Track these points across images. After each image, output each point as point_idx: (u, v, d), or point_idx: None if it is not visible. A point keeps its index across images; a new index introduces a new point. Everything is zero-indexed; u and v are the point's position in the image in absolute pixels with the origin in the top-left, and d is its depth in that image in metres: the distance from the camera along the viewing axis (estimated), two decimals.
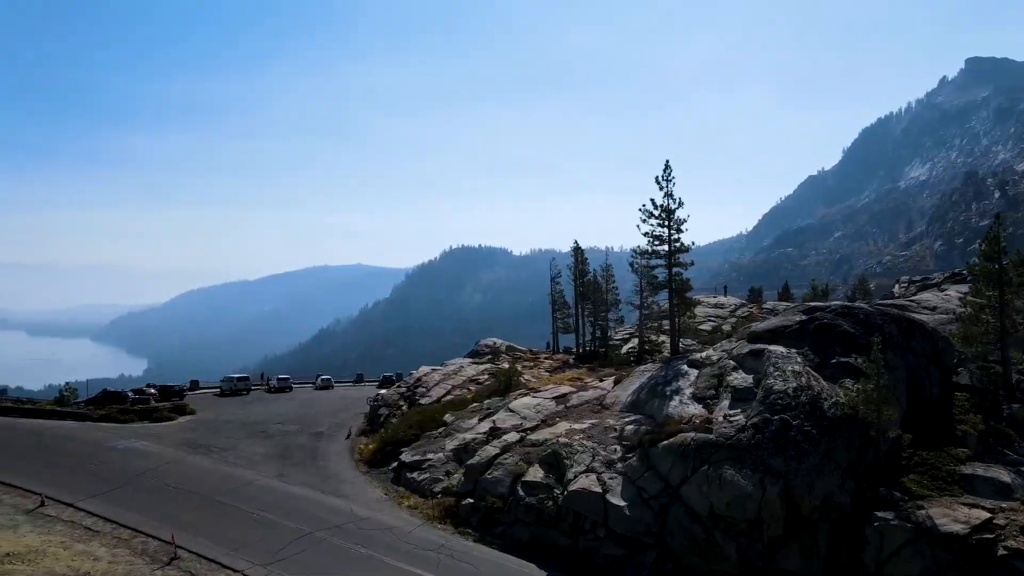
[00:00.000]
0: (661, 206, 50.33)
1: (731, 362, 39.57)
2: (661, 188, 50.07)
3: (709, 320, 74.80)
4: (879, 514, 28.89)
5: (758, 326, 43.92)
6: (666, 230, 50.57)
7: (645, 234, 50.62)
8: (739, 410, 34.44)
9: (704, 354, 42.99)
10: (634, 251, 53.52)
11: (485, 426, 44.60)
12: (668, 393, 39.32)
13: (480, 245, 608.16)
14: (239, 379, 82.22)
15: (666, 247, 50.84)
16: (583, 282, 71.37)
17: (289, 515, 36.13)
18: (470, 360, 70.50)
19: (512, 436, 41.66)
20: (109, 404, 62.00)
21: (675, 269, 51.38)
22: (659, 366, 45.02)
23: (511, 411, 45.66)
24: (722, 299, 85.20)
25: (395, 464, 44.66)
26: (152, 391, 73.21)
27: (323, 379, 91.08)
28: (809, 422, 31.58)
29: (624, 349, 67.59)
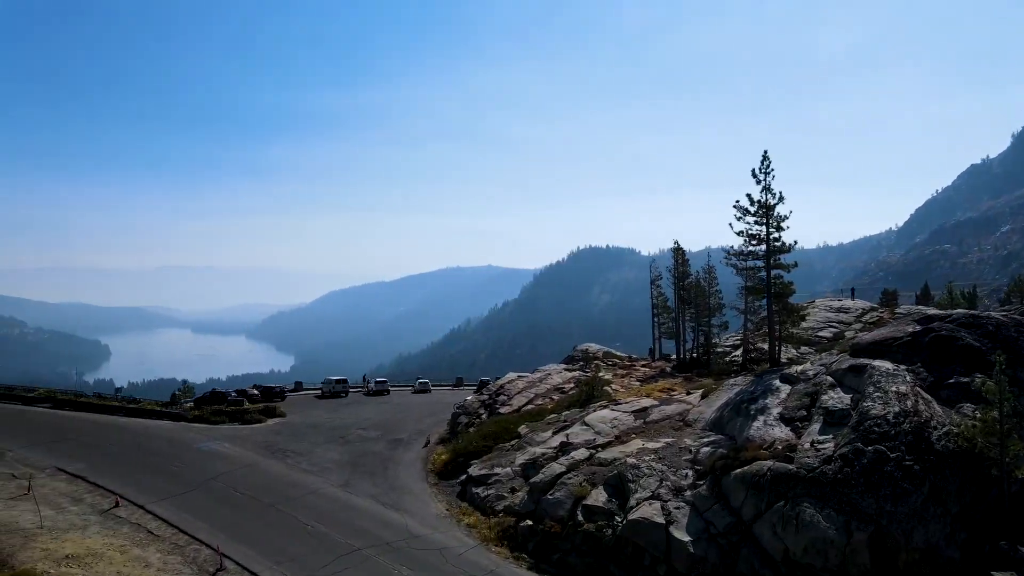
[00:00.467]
0: (758, 201, 45.35)
1: (828, 378, 34.52)
2: (758, 182, 45.15)
3: (830, 326, 67.69)
4: (997, 574, 23.55)
5: (864, 337, 38.33)
6: (764, 228, 45.52)
7: (739, 233, 45.82)
8: (831, 436, 29.70)
9: (800, 368, 37.99)
10: (727, 252, 48.71)
11: (557, 440, 41.80)
12: (752, 412, 34.86)
13: (608, 246, 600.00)
14: (337, 382, 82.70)
15: (764, 247, 45.74)
16: (684, 285, 66.53)
17: (343, 528, 35.13)
18: (562, 366, 67.65)
19: (581, 453, 38.62)
20: (212, 404, 64.47)
21: (775, 271, 46.18)
22: (750, 380, 40.36)
23: (586, 425, 42.55)
24: (847, 302, 77.15)
25: (463, 477, 42.83)
26: (255, 392, 74.86)
27: (421, 382, 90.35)
28: (912, 455, 26.47)
29: (730, 357, 62.35)
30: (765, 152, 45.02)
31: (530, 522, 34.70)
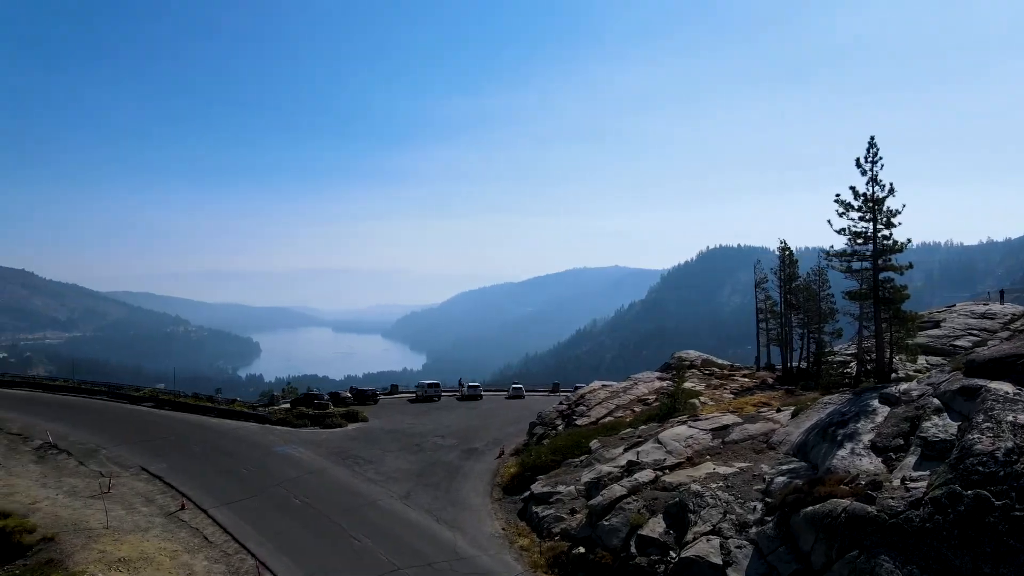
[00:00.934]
0: (864, 195, 39.74)
1: (935, 401, 29.18)
2: (864, 172, 39.53)
3: (969, 334, 59.45)
4: None
5: (982, 352, 32.33)
6: (871, 225, 39.87)
7: (840, 231, 40.40)
8: (927, 472, 24.82)
9: (904, 387, 32.57)
10: (824, 252, 43.25)
11: (626, 458, 38.52)
12: (840, 437, 30.14)
13: (740, 245, 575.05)
14: (429, 386, 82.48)
15: (871, 246, 40.10)
16: (791, 287, 60.47)
17: (389, 544, 33.84)
18: (655, 375, 63.54)
19: (646, 474, 35.20)
20: (302, 406, 65.70)
21: (885, 274, 40.41)
22: (847, 398, 35.29)
23: (659, 443, 38.90)
24: (994, 307, 67.66)
25: (527, 494, 40.46)
26: (348, 395, 75.58)
27: (515, 388, 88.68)
28: (1023, 505, 21.35)
29: (843, 370, 55.96)
30: (872, 139, 39.30)
31: (582, 549, 31.85)
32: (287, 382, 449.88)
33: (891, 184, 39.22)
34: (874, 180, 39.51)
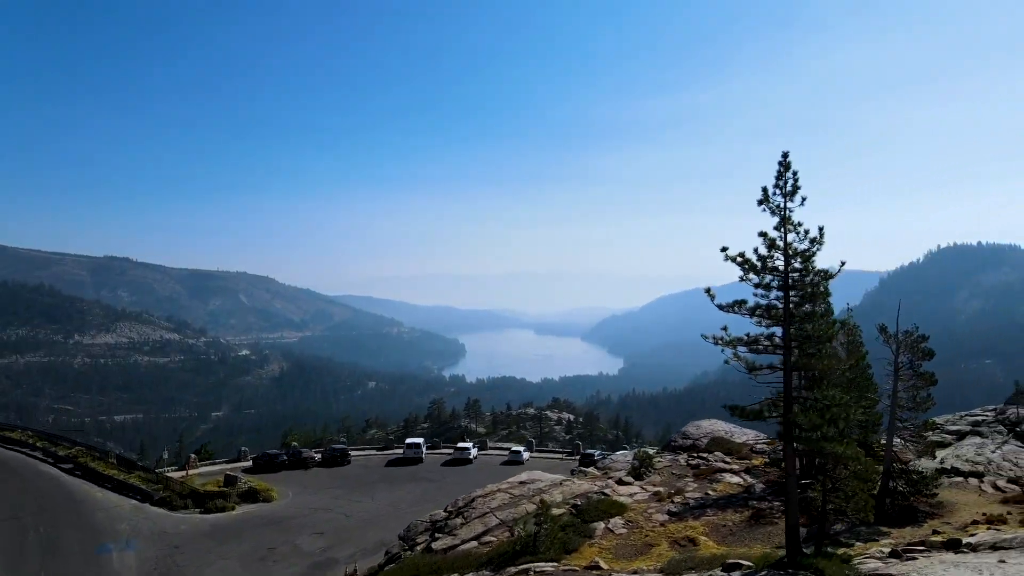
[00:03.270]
0: (774, 242, 24.16)
1: None
2: (775, 210, 22.78)
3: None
4: None
5: None
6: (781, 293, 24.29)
7: (732, 306, 25.54)
8: None
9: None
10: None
11: None
12: None
13: (980, 243, 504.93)
14: (408, 446, 69.78)
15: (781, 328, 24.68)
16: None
17: None
18: (629, 458, 50.07)
19: None
20: (267, 466, 61.50)
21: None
22: None
23: None
24: None
25: None
26: (314, 455, 66.84)
27: (514, 451, 71.63)
28: None
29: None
30: (784, 156, 23.35)
31: None
32: (485, 383, 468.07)
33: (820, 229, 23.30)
34: (786, 221, 23.82)
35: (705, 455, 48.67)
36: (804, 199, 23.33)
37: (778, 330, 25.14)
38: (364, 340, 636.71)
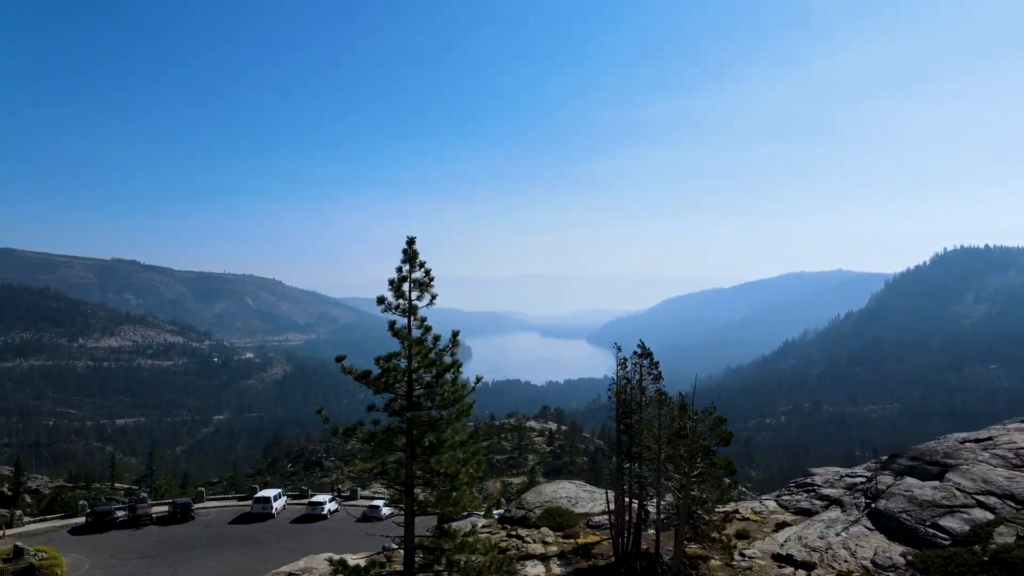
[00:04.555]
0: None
1: None
2: (394, 306, 25.30)
3: (980, 505, 35.18)
4: None
5: None
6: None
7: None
8: None
9: None
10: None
11: None
12: None
13: (989, 245, 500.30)
14: (257, 500, 59.61)
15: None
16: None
17: None
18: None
19: None
20: (97, 528, 54.01)
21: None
22: None
23: None
24: None
25: None
26: (148, 514, 56.24)
27: (371, 507, 59.67)
28: None
29: None
30: (409, 243, 24.23)
31: None
32: (489, 387, 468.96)
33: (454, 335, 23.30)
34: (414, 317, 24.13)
35: (526, 533, 38.62)
36: (434, 297, 23.07)
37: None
38: (369, 343, 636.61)
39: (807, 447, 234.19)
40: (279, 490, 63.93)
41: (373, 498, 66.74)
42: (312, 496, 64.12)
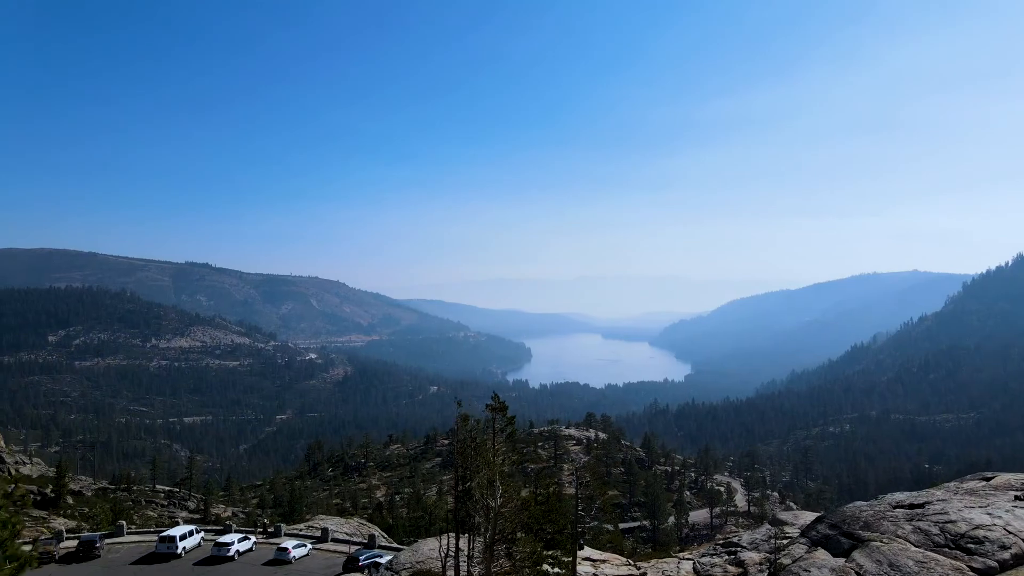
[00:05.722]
0: None
1: None
2: None
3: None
4: None
5: None
6: None
7: None
8: None
9: None
10: None
11: None
12: None
13: None
14: (162, 539, 53.79)
15: None
16: None
17: None
18: None
19: None
20: None
21: None
22: None
23: None
24: None
25: None
26: (49, 552, 51.43)
27: (280, 549, 53.34)
28: None
29: None
30: None
31: None
32: (548, 389, 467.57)
33: None
34: None
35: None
36: None
37: None
38: (430, 344, 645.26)
39: (871, 458, 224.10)
40: (192, 527, 57.84)
41: (300, 534, 60.65)
42: (222, 535, 57.38)
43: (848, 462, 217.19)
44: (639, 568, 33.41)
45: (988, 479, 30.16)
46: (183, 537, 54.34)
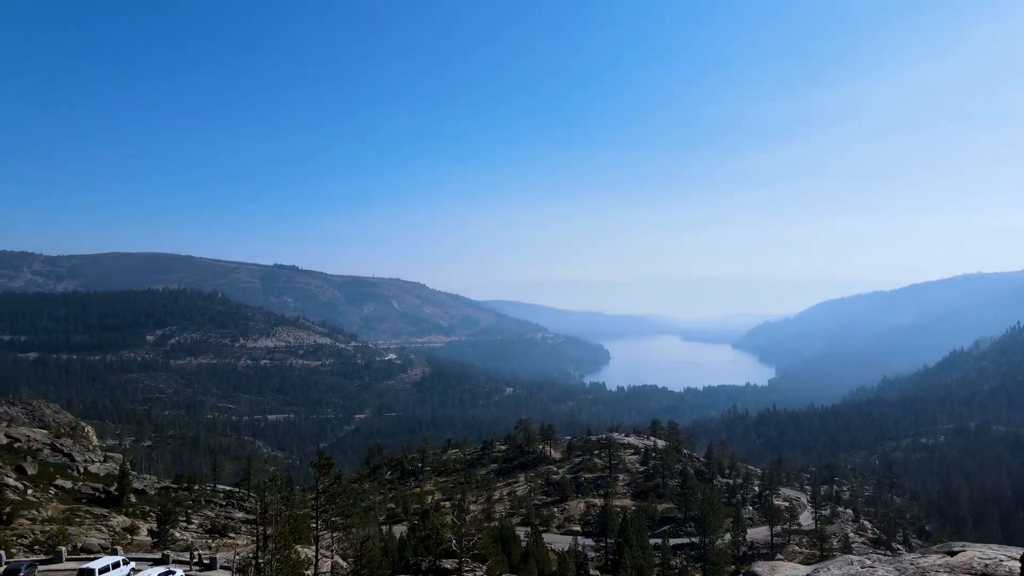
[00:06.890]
0: None
1: None
2: None
3: None
4: None
5: None
6: None
7: None
8: None
9: None
10: None
11: None
12: None
13: None
14: (80, 573, 44.97)
15: None
16: None
17: None
18: None
19: None
20: None
21: None
22: None
23: None
24: None
25: None
26: None
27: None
28: None
29: None
30: None
31: None
32: (625, 392, 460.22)
33: None
34: None
35: None
36: None
37: None
38: (508, 345, 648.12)
39: (968, 473, 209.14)
40: (121, 557, 49.77)
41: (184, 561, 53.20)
42: (87, 564, 47.41)
43: (940, 477, 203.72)
44: None
45: (953, 553, 25.14)
46: (104, 571, 47.06)
